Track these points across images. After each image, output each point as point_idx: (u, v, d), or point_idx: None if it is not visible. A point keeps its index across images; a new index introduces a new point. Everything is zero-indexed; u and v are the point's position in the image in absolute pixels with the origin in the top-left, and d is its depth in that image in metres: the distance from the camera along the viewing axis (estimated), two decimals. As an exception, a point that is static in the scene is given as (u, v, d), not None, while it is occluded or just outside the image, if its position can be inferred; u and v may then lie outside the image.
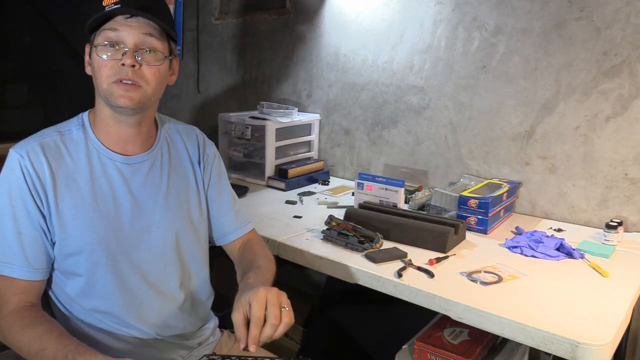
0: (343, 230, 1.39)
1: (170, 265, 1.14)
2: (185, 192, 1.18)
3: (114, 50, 1.00)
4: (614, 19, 1.49)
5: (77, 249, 1.04)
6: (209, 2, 2.67)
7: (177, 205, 1.15)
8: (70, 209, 1.03)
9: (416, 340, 1.30)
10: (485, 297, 1.09)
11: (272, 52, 2.41)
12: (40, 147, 1.03)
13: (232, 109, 2.60)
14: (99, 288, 1.07)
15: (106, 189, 1.07)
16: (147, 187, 1.12)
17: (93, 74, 1.05)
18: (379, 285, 1.21)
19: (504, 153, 1.75)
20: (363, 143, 2.13)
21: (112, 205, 1.07)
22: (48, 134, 1.06)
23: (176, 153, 1.19)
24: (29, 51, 3.66)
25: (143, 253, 1.11)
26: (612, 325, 0.98)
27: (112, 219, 1.07)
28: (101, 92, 1.03)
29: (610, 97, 1.53)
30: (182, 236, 1.16)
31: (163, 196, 1.13)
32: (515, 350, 1.35)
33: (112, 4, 1.00)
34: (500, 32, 1.70)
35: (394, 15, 1.96)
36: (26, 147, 1.02)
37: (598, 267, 1.26)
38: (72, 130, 1.08)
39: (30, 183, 1.01)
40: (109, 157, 1.08)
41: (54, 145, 1.05)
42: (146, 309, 1.11)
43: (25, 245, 1.01)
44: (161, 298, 1.14)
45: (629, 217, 1.54)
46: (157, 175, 1.13)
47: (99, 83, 1.03)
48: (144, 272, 1.11)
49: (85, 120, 1.10)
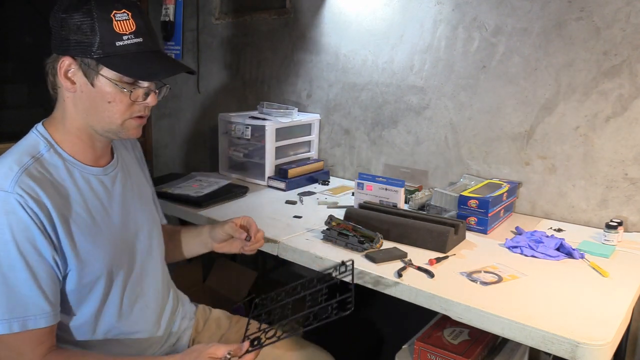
0: (343, 230, 1.39)
1: (158, 260, 1.22)
2: (145, 188, 1.25)
3: (128, 86, 0.98)
4: (614, 19, 1.49)
5: (96, 274, 1.03)
6: (209, 2, 2.67)
7: (147, 205, 1.21)
8: (78, 236, 1.00)
9: (416, 340, 1.30)
10: (485, 297, 1.09)
11: (272, 52, 2.41)
12: (31, 179, 0.94)
13: (232, 109, 2.60)
14: (112, 305, 1.08)
15: (97, 205, 1.06)
16: (126, 192, 1.13)
17: (84, 98, 0.99)
18: (379, 285, 1.21)
19: (504, 153, 1.75)
20: (363, 143, 2.13)
21: (107, 220, 1.07)
22: (23, 162, 0.96)
23: (127, 155, 1.22)
24: (29, 51, 3.65)
25: (143, 256, 1.16)
26: (612, 325, 0.98)
27: (112, 233, 1.07)
28: (106, 125, 1.01)
29: (610, 97, 1.53)
30: (156, 232, 1.22)
31: (138, 198, 1.17)
32: (515, 350, 1.35)
33: (130, 35, 0.97)
34: (500, 32, 1.70)
35: (394, 15, 1.96)
36: (18, 184, 0.92)
37: (598, 267, 1.26)
38: (42, 153, 1.00)
39: (39, 222, 0.93)
40: (89, 173, 1.06)
41: (39, 174, 0.97)
42: (152, 308, 1.17)
43: (45, 288, 0.94)
44: (160, 294, 1.21)
45: (629, 217, 1.54)
46: (128, 180, 1.16)
47: (108, 116, 0.99)
48: (148, 274, 1.17)
49: (48, 138, 1.03)
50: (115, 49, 0.95)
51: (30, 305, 0.93)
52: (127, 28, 0.96)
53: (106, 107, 0.99)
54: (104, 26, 0.94)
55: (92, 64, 0.97)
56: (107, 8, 0.95)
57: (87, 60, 0.96)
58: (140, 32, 0.98)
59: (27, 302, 0.93)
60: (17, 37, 3.58)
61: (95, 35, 0.94)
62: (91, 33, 0.94)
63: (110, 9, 0.95)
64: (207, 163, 2.79)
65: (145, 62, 0.98)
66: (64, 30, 0.96)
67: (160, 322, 1.20)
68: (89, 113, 1.00)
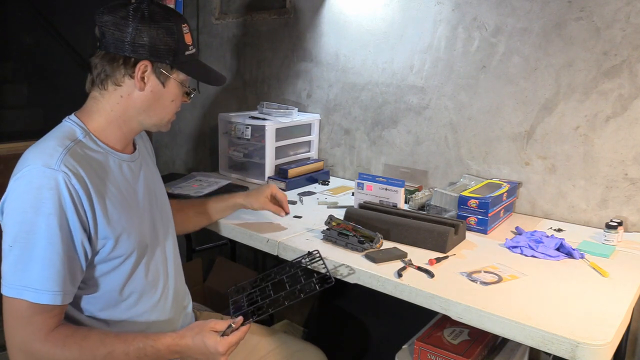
0: (343, 230, 1.39)
1: (172, 241, 1.30)
2: (160, 182, 1.33)
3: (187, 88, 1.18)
4: (614, 19, 1.49)
5: (129, 249, 1.10)
6: (209, 2, 2.67)
7: (163, 196, 1.31)
8: (114, 213, 1.07)
9: (416, 340, 1.30)
10: (485, 297, 1.09)
11: (272, 52, 2.41)
12: (75, 159, 1.02)
13: (232, 109, 2.60)
14: (138, 281, 1.14)
15: (129, 188, 1.14)
16: (150, 178, 1.24)
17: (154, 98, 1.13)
18: (379, 285, 1.21)
19: (504, 153, 1.75)
20: (363, 143, 2.13)
21: (137, 201, 1.16)
22: (65, 144, 1.04)
23: (143, 148, 1.30)
24: (29, 51, 3.66)
25: (168, 241, 1.25)
26: (612, 325, 0.98)
27: (141, 213, 1.16)
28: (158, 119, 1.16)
29: (610, 97, 1.53)
30: (171, 219, 1.32)
31: (157, 188, 1.27)
32: (515, 350, 1.35)
33: (192, 47, 1.16)
34: (500, 32, 1.70)
35: (394, 15, 1.96)
36: (64, 162, 0.99)
37: (598, 267, 1.26)
38: (80, 138, 1.08)
39: (78, 201, 1.00)
40: (120, 159, 1.14)
41: (80, 155, 1.04)
42: (170, 288, 1.24)
43: (70, 268, 1.00)
44: (178, 278, 1.29)
45: (629, 217, 1.54)
46: (150, 168, 1.27)
47: (164, 112, 1.16)
48: (169, 256, 1.25)
49: (83, 126, 1.10)
50: (185, 57, 1.13)
51: (49, 280, 0.98)
52: (190, 40, 1.14)
53: (167, 105, 1.15)
54: (179, 37, 1.11)
55: (166, 69, 1.11)
56: (180, 21, 1.12)
57: (163, 65, 1.11)
58: (194, 44, 1.17)
59: (46, 277, 0.97)
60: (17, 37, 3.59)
61: (172, 43, 1.10)
62: (170, 41, 1.10)
63: (182, 22, 1.12)
64: (207, 163, 2.79)
65: (203, 69, 1.20)
66: (139, 37, 1.07)
67: (177, 308, 1.26)
68: (149, 109, 1.13)
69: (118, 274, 1.10)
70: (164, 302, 1.21)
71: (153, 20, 1.07)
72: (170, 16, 1.10)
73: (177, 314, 1.26)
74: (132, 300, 1.14)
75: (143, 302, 1.16)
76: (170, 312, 1.23)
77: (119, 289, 1.11)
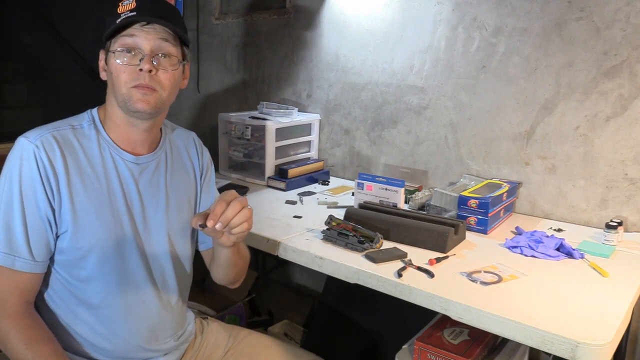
0: (343, 230, 1.39)
1: (167, 264, 1.18)
2: (185, 194, 1.22)
3: (131, 56, 1.03)
4: (614, 19, 1.49)
5: (89, 244, 1.05)
6: (209, 2, 2.67)
7: (175, 207, 1.19)
8: (84, 203, 1.04)
9: (416, 340, 1.30)
10: (485, 297, 1.09)
11: (272, 52, 2.41)
12: (55, 139, 1.03)
13: (232, 109, 2.60)
14: (102, 285, 1.08)
15: (117, 186, 1.10)
16: (151, 186, 1.15)
17: (109, 79, 1.07)
18: (379, 285, 1.21)
19: (504, 153, 1.75)
20: (363, 143, 2.13)
21: (122, 202, 1.10)
22: (60, 126, 1.07)
23: (178, 156, 1.23)
24: (29, 51, 3.65)
25: (147, 250, 1.14)
26: (612, 325, 0.98)
27: (122, 215, 1.09)
28: (119, 96, 1.06)
29: (610, 97, 1.53)
30: (177, 237, 1.19)
31: (164, 197, 1.17)
32: (515, 350, 1.35)
33: (128, 12, 1.03)
34: (500, 32, 1.70)
35: (394, 16, 1.96)
36: (41, 137, 1.02)
37: (598, 267, 1.26)
38: (83, 126, 1.09)
39: (44, 174, 1.01)
40: (120, 155, 1.11)
41: (67, 139, 1.05)
42: (144, 307, 1.14)
43: (31, 237, 1.01)
44: (158, 297, 1.17)
45: (629, 217, 1.54)
46: (161, 176, 1.17)
47: (118, 88, 1.05)
48: (147, 269, 1.14)
49: (95, 117, 1.12)
50: (115, 26, 1.03)
51: (16, 245, 1.00)
52: (128, 7, 1.03)
53: (116, 81, 1.05)
54: (113, 12, 1.04)
55: (107, 48, 1.06)
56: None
57: (105, 45, 1.06)
58: (137, 8, 1.03)
59: (14, 242, 1.00)
60: (17, 37, 3.59)
61: (109, 24, 1.04)
62: (108, 25, 1.04)
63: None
64: (207, 163, 2.79)
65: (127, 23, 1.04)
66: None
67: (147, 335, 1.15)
68: (112, 91, 1.08)
69: (84, 269, 1.06)
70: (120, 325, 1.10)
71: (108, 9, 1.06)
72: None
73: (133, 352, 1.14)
74: (99, 301, 1.08)
75: (111, 310, 1.08)
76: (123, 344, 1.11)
77: (86, 281, 1.06)
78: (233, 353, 1.32)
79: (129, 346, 1.13)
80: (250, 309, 2.29)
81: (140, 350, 1.15)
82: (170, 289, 1.19)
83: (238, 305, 2.16)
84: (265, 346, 1.35)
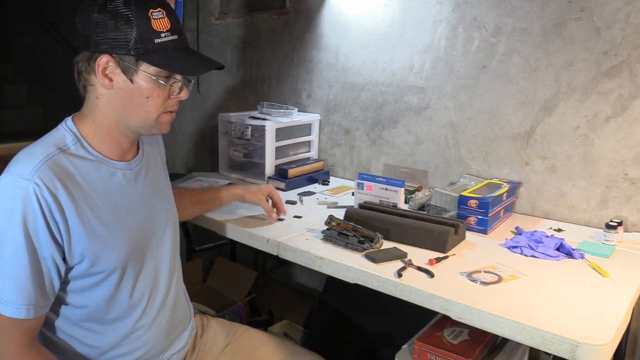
0: (343, 230, 1.39)
1: (176, 260, 1.22)
2: (167, 187, 1.27)
3: (165, 80, 1.02)
4: (614, 19, 1.49)
5: (112, 265, 1.04)
6: (209, 2, 2.67)
7: (168, 201, 1.24)
8: (97, 227, 1.02)
9: (416, 340, 1.30)
10: (485, 297, 1.09)
11: (272, 52, 2.41)
12: (52, 170, 0.97)
13: (232, 109, 2.60)
14: (121, 298, 1.08)
15: (120, 200, 1.07)
16: (147, 188, 1.16)
17: (126, 96, 1.01)
18: (379, 285, 1.21)
19: (504, 153, 1.75)
20: (363, 143, 2.13)
21: (129, 215, 1.08)
22: (49, 152, 0.99)
23: (151, 151, 1.25)
24: (29, 51, 3.65)
25: (161, 252, 1.16)
26: (612, 325, 0.98)
27: (133, 228, 1.09)
28: (145, 120, 1.04)
29: (610, 97, 1.53)
30: (173, 228, 1.23)
31: (159, 193, 1.20)
32: (515, 350, 1.35)
33: (168, 33, 1.00)
34: (500, 32, 1.70)
35: (394, 15, 1.96)
36: (37, 172, 0.95)
37: (598, 267, 1.26)
38: (69, 146, 1.03)
39: (48, 214, 0.95)
40: (114, 167, 1.08)
41: (62, 165, 0.99)
42: (158, 310, 1.16)
43: (38, 281, 0.97)
44: (172, 295, 1.20)
45: (629, 217, 1.54)
46: (151, 176, 1.19)
47: (143, 111, 1.02)
48: (163, 272, 1.17)
49: (76, 132, 1.05)
50: (154, 46, 0.98)
51: (24, 293, 0.96)
52: (163, 26, 0.99)
53: (143, 103, 1.01)
54: (142, 24, 0.97)
55: (131, 61, 0.99)
56: (145, 6, 0.97)
57: (127, 58, 0.98)
58: (175, 30, 1.01)
59: (11, 288, 0.95)
60: (17, 37, 3.59)
61: (133, 32, 0.96)
62: (130, 30, 0.96)
63: (147, 7, 0.97)
64: (207, 163, 2.79)
65: (182, 57, 1.02)
66: (99, 29, 0.97)
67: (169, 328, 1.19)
68: (125, 109, 1.03)
69: (103, 290, 1.06)
70: (146, 328, 1.14)
71: (111, 8, 0.97)
72: (131, 1, 0.97)
73: (161, 342, 1.18)
74: (120, 314, 1.09)
75: (122, 326, 1.10)
76: (152, 340, 1.16)
77: (104, 303, 1.07)
78: (232, 348, 1.33)
79: (152, 353, 1.16)
80: (250, 309, 2.29)
81: (160, 353, 1.18)
82: (179, 283, 1.24)
83: (238, 305, 2.16)
84: (263, 341, 1.37)
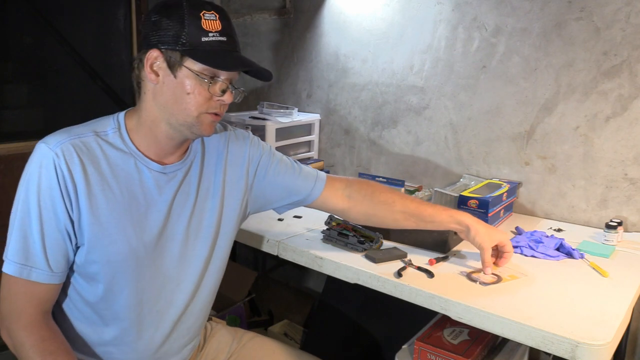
0: (343, 230, 1.39)
1: (189, 274, 1.14)
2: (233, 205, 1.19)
3: (210, 80, 1.01)
4: (614, 19, 1.49)
5: (107, 256, 1.02)
6: (209, 2, 2.67)
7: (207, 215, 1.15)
8: (104, 215, 1.01)
9: (416, 340, 1.30)
10: (485, 297, 1.09)
11: (272, 52, 2.41)
12: (75, 147, 0.99)
13: (232, 109, 2.60)
14: (118, 297, 1.06)
15: (140, 197, 1.05)
16: (179, 195, 1.11)
17: (169, 91, 1.02)
18: (379, 285, 1.21)
19: (504, 153, 1.75)
20: (363, 143, 2.13)
21: (144, 213, 1.06)
22: (83, 133, 1.02)
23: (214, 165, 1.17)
24: (29, 51, 3.65)
25: (167, 262, 1.10)
26: (612, 325, 0.98)
27: (142, 227, 1.06)
28: (181, 116, 1.02)
29: (610, 97, 1.53)
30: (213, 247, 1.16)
31: (192, 205, 1.12)
32: (515, 350, 1.35)
33: (217, 34, 1.00)
34: (500, 32, 1.70)
35: (394, 16, 1.96)
36: (61, 145, 0.98)
37: (598, 267, 1.26)
38: (107, 132, 1.05)
39: (63, 185, 0.97)
40: (146, 165, 1.06)
41: (89, 146, 1.01)
42: (158, 322, 1.11)
43: (48, 248, 0.98)
44: (174, 310, 1.14)
45: (629, 217, 1.54)
46: (190, 184, 1.13)
47: (184, 108, 1.01)
48: (164, 281, 1.11)
49: (121, 123, 1.07)
50: (201, 44, 0.99)
51: (34, 256, 0.98)
52: (214, 27, 1.00)
53: (184, 99, 1.01)
54: (192, 22, 0.99)
55: (177, 56, 1.00)
56: (197, 7, 1.00)
57: (173, 53, 1.00)
58: (225, 33, 1.01)
59: (32, 252, 0.98)
60: (17, 37, 3.58)
61: (183, 28, 0.98)
62: (180, 27, 0.98)
63: (200, 9, 1.00)
64: (207, 163, 2.79)
65: (227, 57, 1.02)
66: (154, 27, 1.00)
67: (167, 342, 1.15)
68: (167, 105, 1.03)
69: (100, 283, 1.04)
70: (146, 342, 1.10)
71: (168, 7, 1.00)
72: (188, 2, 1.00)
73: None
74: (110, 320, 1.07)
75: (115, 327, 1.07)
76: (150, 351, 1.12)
77: (101, 298, 1.05)
78: (236, 358, 1.31)
79: (142, 356, 1.12)
80: (250, 309, 2.28)
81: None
82: (204, 304, 1.19)
83: (238, 305, 2.16)
84: (269, 351, 1.33)
